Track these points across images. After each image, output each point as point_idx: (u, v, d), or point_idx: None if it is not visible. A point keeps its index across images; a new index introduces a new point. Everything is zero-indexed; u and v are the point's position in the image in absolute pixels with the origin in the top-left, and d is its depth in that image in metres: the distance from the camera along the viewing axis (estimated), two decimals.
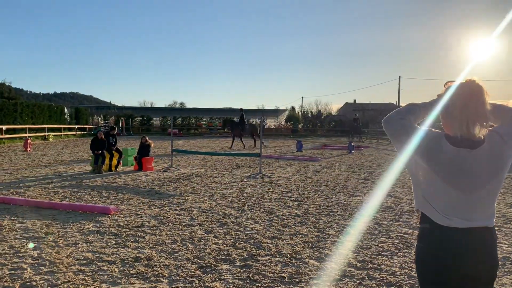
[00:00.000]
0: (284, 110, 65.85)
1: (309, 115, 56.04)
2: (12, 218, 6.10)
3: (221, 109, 63.16)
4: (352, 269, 4.18)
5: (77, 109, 41.15)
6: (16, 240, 4.99)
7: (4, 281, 3.71)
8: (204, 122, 47.67)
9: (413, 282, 3.82)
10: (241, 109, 23.66)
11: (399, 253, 4.71)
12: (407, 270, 4.14)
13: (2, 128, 25.40)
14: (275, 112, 64.55)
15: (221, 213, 6.62)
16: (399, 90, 50.77)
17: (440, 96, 1.97)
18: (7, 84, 40.42)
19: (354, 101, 77.81)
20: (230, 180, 10.30)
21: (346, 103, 78.55)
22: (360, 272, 4.10)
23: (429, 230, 1.91)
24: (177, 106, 79.03)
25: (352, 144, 21.16)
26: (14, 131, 27.02)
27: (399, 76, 50.68)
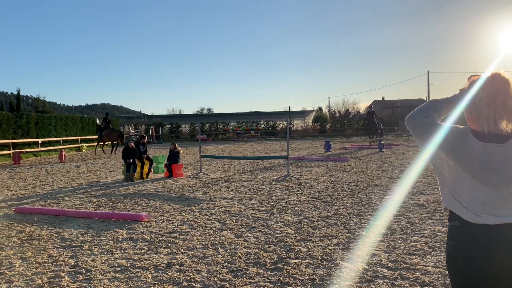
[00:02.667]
0: (311, 111, 65.46)
1: (337, 114, 55.53)
2: (50, 228, 6.32)
3: (248, 113, 63.37)
4: (384, 270, 4.12)
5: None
6: (54, 249, 5.16)
7: None
8: (231, 127, 47.95)
9: (447, 282, 3.72)
10: (106, 114, 26.98)
11: (433, 252, 4.60)
12: (441, 269, 4.04)
13: (38, 141, 26.35)
14: (302, 113, 64.23)
15: (250, 216, 6.65)
16: (428, 85, 49.69)
17: (463, 91, 1.93)
18: (41, 98, 41.97)
19: (383, 98, 76.56)
20: (258, 184, 10.33)
21: (375, 101, 77.42)
22: (393, 272, 4.04)
23: (458, 228, 1.87)
24: (204, 112, 79.87)
25: (382, 142, 20.80)
26: (49, 143, 27.99)
27: (428, 71, 49.61)
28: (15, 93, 34.93)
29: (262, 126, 48.06)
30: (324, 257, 4.55)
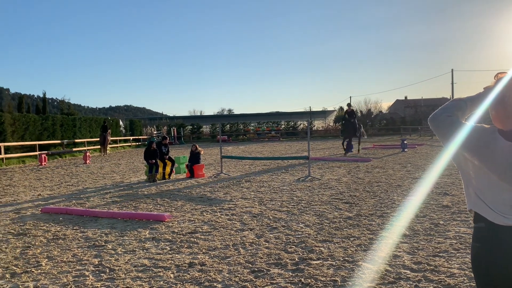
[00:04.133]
0: (332, 111, 65.06)
1: (359, 114, 54.99)
2: (75, 227, 6.46)
3: (268, 113, 63.38)
4: (408, 271, 4.05)
5: (131, 121, 42.91)
6: (79, 249, 5.27)
7: (69, 287, 3.94)
8: (252, 128, 48.06)
9: (473, 284, 3.64)
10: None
11: (458, 254, 4.50)
12: (466, 272, 3.95)
13: (63, 143, 26.96)
14: (323, 113, 63.90)
15: (271, 217, 6.64)
16: (452, 83, 48.68)
17: (488, 89, 1.88)
18: (66, 101, 42.89)
19: (405, 97, 75.45)
20: (279, 184, 10.31)
21: (397, 100, 76.32)
22: (416, 274, 3.97)
23: (484, 230, 1.82)
24: (225, 113, 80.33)
25: (405, 142, 20.47)
26: (74, 145, 28.58)
27: (452, 69, 48.62)
28: (41, 96, 35.81)
29: (283, 126, 47.99)
30: (346, 258, 4.50)
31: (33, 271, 4.45)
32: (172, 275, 4.16)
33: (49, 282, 4.11)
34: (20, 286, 4.03)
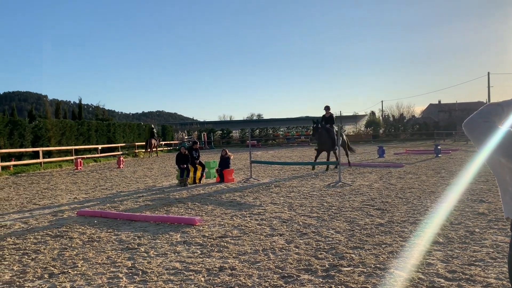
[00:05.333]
0: (363, 116, 64.21)
1: (391, 119, 54.05)
2: (109, 230, 6.63)
3: (298, 118, 63.16)
4: (442, 280, 3.95)
5: (163, 127, 43.71)
6: (113, 251, 5.41)
7: None
8: (281, 132, 48.00)
9: None
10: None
11: (495, 263, 4.36)
12: (504, 282, 3.82)
13: (98, 148, 27.74)
14: (354, 118, 63.12)
15: (301, 223, 6.62)
16: (488, 87, 47.22)
17: None
18: (101, 106, 44.14)
19: (439, 101, 73.62)
20: (309, 190, 10.26)
21: (431, 104, 74.59)
22: (451, 283, 3.86)
23: None
24: (254, 118, 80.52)
25: (439, 147, 19.96)
26: (108, 149, 29.37)
27: (488, 72, 47.15)
28: (77, 102, 37.02)
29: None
30: (378, 265, 4.44)
31: (69, 272, 4.60)
32: (202, 279, 4.21)
33: (84, 283, 4.24)
34: (58, 286, 4.17)
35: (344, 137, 16.10)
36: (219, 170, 12.88)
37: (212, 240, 5.76)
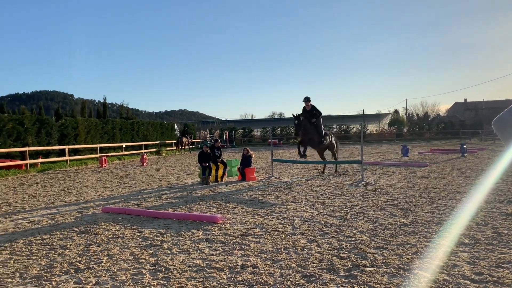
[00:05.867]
0: (386, 114, 63.36)
1: (415, 117, 53.16)
2: (133, 227, 6.74)
3: None
4: (468, 282, 3.86)
5: (185, 125, 44.13)
6: (136, 248, 5.49)
7: (128, 285, 4.11)
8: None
9: None
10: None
11: None
12: None
13: (122, 146, 28.20)
14: (377, 117, 62.35)
15: (323, 222, 6.57)
16: None
17: None
18: (125, 105, 44.90)
19: (465, 100, 71.98)
20: (331, 189, 10.18)
21: (456, 103, 73.04)
22: (477, 285, 3.77)
23: None
24: (276, 116, 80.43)
25: (465, 146, 19.51)
26: (132, 147, 29.83)
27: None
28: (102, 101, 37.72)
29: (335, 130, 47.31)
30: (401, 266, 4.37)
31: (94, 268, 4.69)
32: (224, 276, 4.23)
33: (109, 279, 4.32)
34: (83, 281, 4.26)
35: (333, 138, 14.13)
36: (240, 169, 12.92)
37: (234, 238, 5.78)
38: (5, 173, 17.16)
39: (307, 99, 12.82)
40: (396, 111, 58.95)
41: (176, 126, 42.09)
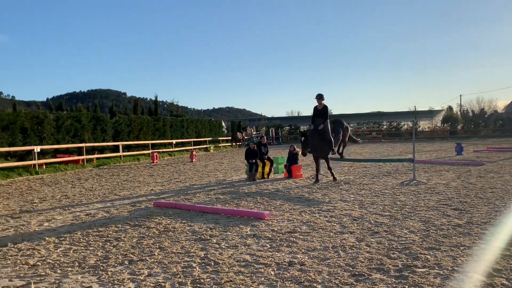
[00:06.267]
0: (440, 111, 60.96)
1: (470, 114, 50.79)
2: (183, 221, 6.93)
3: (369, 113, 61.30)
4: None
5: (232, 122, 44.65)
6: (187, 241, 5.64)
7: (178, 277, 4.24)
8: (351, 128, 46.98)
9: None
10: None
11: None
12: None
13: (172, 142, 28.99)
14: (430, 113, 60.11)
15: (372, 221, 6.44)
16: None
17: None
18: (175, 103, 46.02)
19: None
20: (380, 187, 9.95)
21: None
22: None
23: None
24: None
25: None
26: (182, 144, 30.59)
27: None
28: (153, 99, 38.92)
29: (385, 127, 46.14)
30: (455, 268, 4.20)
31: (147, 260, 4.88)
32: (272, 272, 4.26)
33: (161, 271, 4.47)
34: (137, 272, 4.44)
35: (348, 126, 12.98)
36: (287, 166, 12.91)
37: (281, 234, 5.80)
38: (64, 168, 18.16)
39: (319, 96, 11.36)
40: (450, 108, 56.57)
41: (223, 123, 42.71)
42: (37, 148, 17.29)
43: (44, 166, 17.62)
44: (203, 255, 4.96)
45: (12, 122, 17.33)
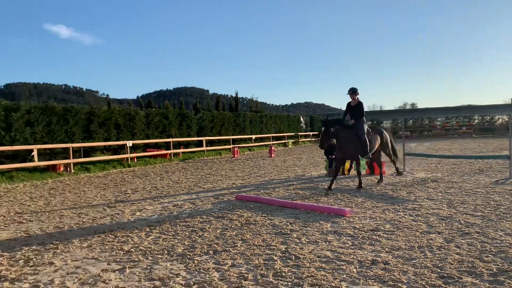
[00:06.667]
0: None
1: None
2: (263, 215, 7.06)
3: (458, 107, 57.27)
4: None
5: (311, 117, 44.36)
6: (267, 235, 5.74)
7: (260, 269, 4.34)
8: (438, 123, 44.30)
9: None
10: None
11: None
12: None
13: (252, 137, 29.55)
14: None
15: (462, 221, 6.06)
16: None
17: None
18: (254, 99, 46.85)
19: None
20: (471, 186, 9.30)
21: None
22: None
23: None
24: (407, 107, 75.83)
25: None
26: (261, 139, 31.08)
27: None
28: (234, 95, 39.96)
29: (476, 121, 42.93)
30: None
31: (230, 251, 5.05)
32: (354, 270, 4.20)
33: (243, 262, 4.61)
34: (221, 262, 4.62)
35: (388, 135, 10.92)
36: (369, 162, 12.54)
37: (363, 232, 5.68)
38: (153, 161, 19.36)
39: (352, 91, 9.82)
40: None
41: (302, 119, 42.54)
42: (129, 143, 18.61)
43: (135, 160, 18.92)
44: (284, 249, 5.02)
45: (107, 118, 18.81)
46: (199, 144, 24.43)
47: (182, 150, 22.29)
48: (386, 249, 4.87)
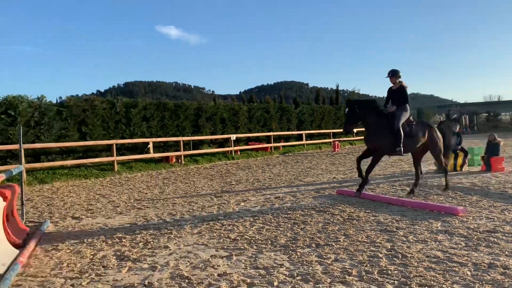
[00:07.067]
0: None
1: None
2: (367, 211, 6.88)
3: None
4: None
5: (418, 110, 41.96)
6: (371, 231, 5.59)
7: (365, 266, 4.25)
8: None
9: None
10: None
11: None
12: None
13: (353, 131, 28.85)
14: None
15: None
16: None
17: None
18: (356, 91, 45.59)
19: None
20: None
21: None
22: None
23: None
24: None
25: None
26: (362, 133, 30.20)
27: None
28: (335, 88, 39.32)
29: None
30: None
31: (333, 245, 5.02)
32: (469, 273, 3.90)
33: (347, 257, 4.55)
34: (324, 256, 4.61)
35: (436, 132, 8.49)
36: (485, 158, 11.50)
37: (478, 233, 5.24)
38: (255, 154, 19.94)
39: (393, 73, 8.14)
40: None
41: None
42: (233, 136, 19.39)
43: (238, 152, 19.67)
44: (389, 247, 4.85)
45: (213, 113, 19.79)
46: (299, 137, 24.53)
47: (282, 143, 22.60)
48: (506, 252, 4.45)
